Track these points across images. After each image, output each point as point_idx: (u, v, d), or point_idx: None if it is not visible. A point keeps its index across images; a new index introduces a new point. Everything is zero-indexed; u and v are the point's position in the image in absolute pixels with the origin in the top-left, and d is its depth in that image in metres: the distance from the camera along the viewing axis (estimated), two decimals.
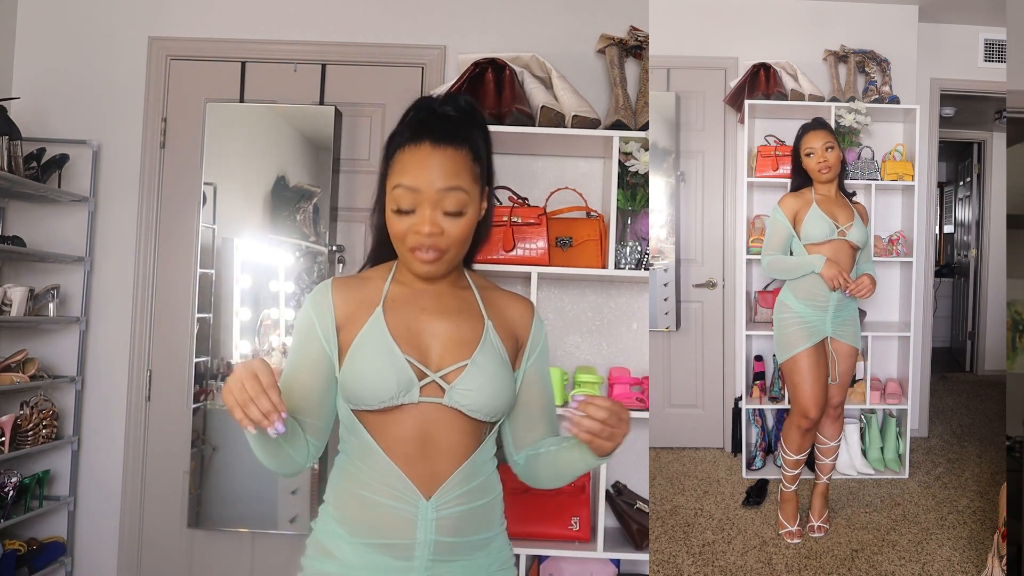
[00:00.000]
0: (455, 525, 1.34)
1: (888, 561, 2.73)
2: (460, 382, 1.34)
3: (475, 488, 1.36)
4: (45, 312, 2.89)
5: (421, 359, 1.34)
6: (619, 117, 2.68)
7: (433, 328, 1.37)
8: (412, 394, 1.32)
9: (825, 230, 2.69)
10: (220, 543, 2.95)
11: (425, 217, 1.30)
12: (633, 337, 2.88)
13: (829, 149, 2.72)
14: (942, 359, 6.31)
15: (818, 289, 2.70)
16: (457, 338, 1.37)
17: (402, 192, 1.30)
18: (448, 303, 1.40)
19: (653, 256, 3.49)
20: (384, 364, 1.31)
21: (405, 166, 1.31)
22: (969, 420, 4.56)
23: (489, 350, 1.38)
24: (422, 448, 1.33)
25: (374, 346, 1.33)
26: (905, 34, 3.76)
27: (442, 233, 1.31)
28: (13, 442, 2.72)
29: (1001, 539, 2.28)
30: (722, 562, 2.74)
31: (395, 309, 1.37)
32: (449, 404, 1.33)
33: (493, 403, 1.36)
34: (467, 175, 1.33)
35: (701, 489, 3.38)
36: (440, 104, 1.37)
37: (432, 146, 1.31)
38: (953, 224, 7.23)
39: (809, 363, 2.71)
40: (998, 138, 5.79)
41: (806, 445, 2.81)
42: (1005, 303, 2.31)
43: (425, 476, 1.32)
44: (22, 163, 2.76)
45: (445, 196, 1.30)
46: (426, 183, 1.29)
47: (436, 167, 1.30)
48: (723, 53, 3.75)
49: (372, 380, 1.31)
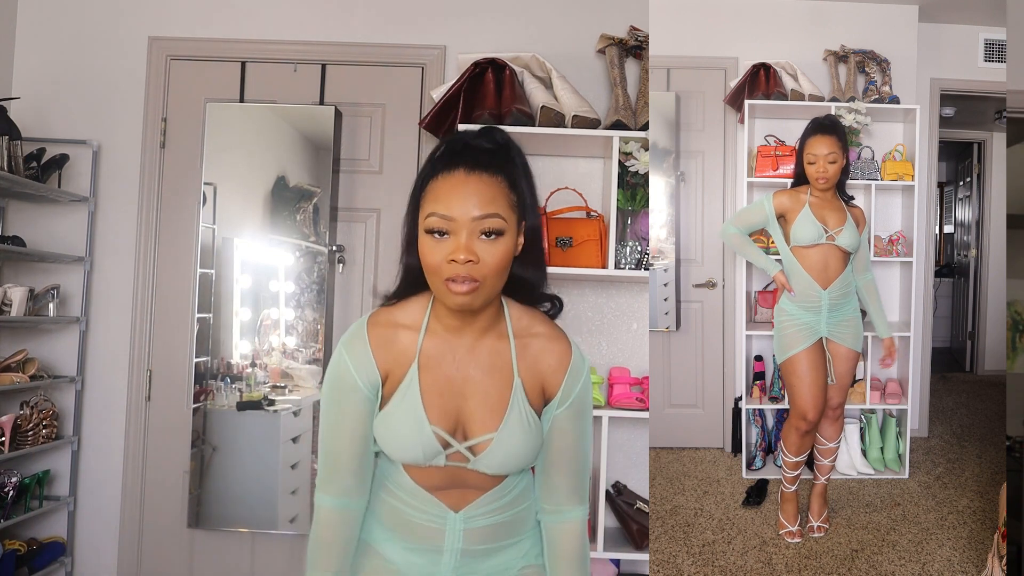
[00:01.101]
0: (484, 535, 1.40)
1: (888, 561, 2.73)
2: (485, 456, 1.36)
3: (505, 504, 1.42)
4: (45, 312, 2.89)
5: (449, 427, 1.36)
6: (619, 117, 2.68)
7: (463, 390, 1.36)
8: (438, 460, 1.36)
9: (813, 234, 2.68)
10: (220, 543, 2.95)
11: (460, 244, 1.24)
12: (633, 337, 2.88)
13: (832, 162, 2.67)
14: (942, 359, 6.30)
15: (808, 290, 2.70)
16: (484, 404, 1.36)
17: (436, 220, 1.25)
18: (481, 359, 1.37)
19: (653, 256, 3.49)
20: (412, 435, 1.34)
21: (438, 194, 1.26)
22: (969, 420, 4.56)
23: (515, 417, 1.36)
24: (452, 483, 1.39)
25: (404, 414, 1.34)
26: (905, 34, 3.76)
27: (478, 261, 1.24)
28: (13, 442, 2.72)
29: (1001, 539, 2.28)
30: (722, 562, 2.74)
31: (429, 367, 1.36)
32: (472, 468, 1.37)
33: (515, 466, 1.38)
34: (503, 202, 1.27)
35: (701, 489, 3.38)
36: (474, 137, 1.32)
37: (467, 172, 1.26)
38: (953, 224, 7.22)
39: (806, 364, 2.71)
40: (998, 138, 5.79)
41: (806, 447, 2.80)
42: (1005, 303, 2.30)
43: (455, 497, 1.39)
44: (22, 163, 2.76)
45: (480, 223, 1.25)
46: (461, 211, 1.24)
47: (471, 194, 1.25)
48: (723, 53, 3.74)
49: (401, 446, 1.35)
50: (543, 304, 1.44)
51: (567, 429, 1.42)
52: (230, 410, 2.84)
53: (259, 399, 2.84)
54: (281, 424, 2.84)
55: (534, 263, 1.38)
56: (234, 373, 2.86)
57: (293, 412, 2.87)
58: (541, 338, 1.40)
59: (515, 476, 1.43)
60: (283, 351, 2.90)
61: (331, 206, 2.88)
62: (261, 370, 2.87)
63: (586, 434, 1.45)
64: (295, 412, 2.87)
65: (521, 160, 1.34)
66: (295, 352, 2.91)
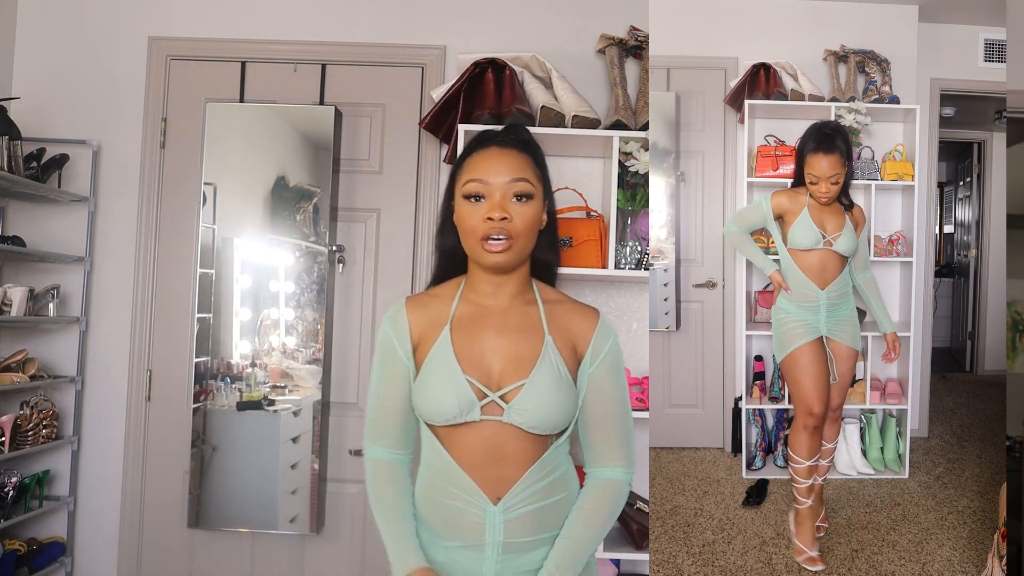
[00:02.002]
0: (524, 526, 1.43)
1: (888, 561, 2.73)
2: (517, 402, 1.42)
3: (544, 488, 1.44)
4: (45, 312, 2.90)
5: (483, 378, 1.44)
6: (619, 117, 2.68)
7: (496, 347, 1.46)
8: (474, 413, 1.43)
9: (811, 239, 2.67)
10: (220, 543, 2.95)
11: (495, 202, 1.41)
12: (633, 337, 2.88)
13: (835, 184, 2.61)
14: (942, 359, 6.31)
15: (806, 290, 2.69)
16: (516, 357, 1.45)
17: (473, 184, 1.43)
18: (511, 321, 1.48)
19: (653, 256, 3.49)
20: (447, 386, 1.43)
21: (475, 165, 1.45)
22: (969, 420, 4.56)
23: (546, 368, 1.45)
24: (489, 456, 1.43)
25: (440, 367, 1.44)
26: (905, 34, 3.76)
27: (511, 219, 1.41)
28: (13, 442, 2.72)
29: (1001, 539, 2.28)
30: (722, 562, 2.74)
31: (462, 329, 1.47)
32: (508, 421, 1.42)
33: (549, 419, 1.43)
34: (531, 171, 1.46)
35: (701, 489, 3.38)
36: (502, 132, 1.51)
37: (499, 148, 1.46)
38: (953, 224, 7.23)
39: (808, 358, 2.69)
40: (998, 138, 5.79)
41: (815, 448, 2.71)
42: (1005, 303, 2.30)
43: (493, 481, 1.43)
44: (22, 163, 2.76)
45: (512, 186, 1.43)
46: (495, 176, 1.43)
47: (503, 163, 1.44)
48: (723, 53, 3.75)
49: (436, 400, 1.43)
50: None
51: (603, 388, 1.50)
52: (230, 410, 2.84)
53: (259, 399, 2.84)
54: (281, 424, 2.84)
55: (551, 247, 1.56)
56: (234, 373, 2.86)
57: (293, 412, 2.87)
58: (568, 304, 1.54)
59: (553, 456, 1.46)
60: (283, 351, 2.90)
61: (331, 206, 2.88)
62: (261, 370, 2.87)
63: (622, 394, 1.52)
64: (295, 412, 2.87)
65: (542, 155, 1.53)
66: (295, 352, 2.91)
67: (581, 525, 1.45)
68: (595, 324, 1.52)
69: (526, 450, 1.43)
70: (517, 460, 1.43)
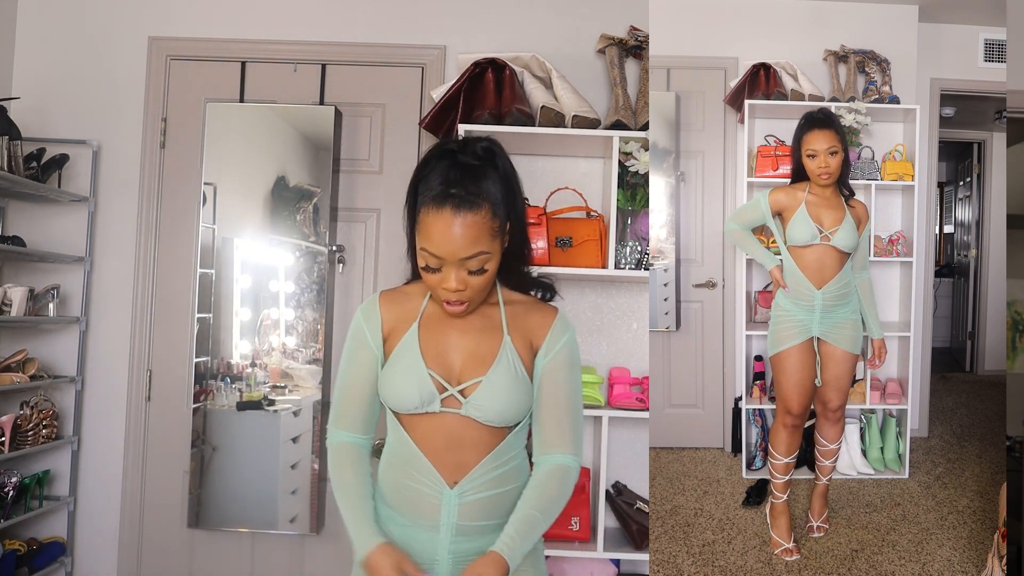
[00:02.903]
0: (477, 511, 1.51)
1: (888, 561, 2.73)
2: (475, 397, 1.51)
3: (498, 477, 1.53)
4: (45, 312, 2.90)
5: (444, 373, 1.53)
6: (619, 117, 2.68)
7: (458, 344, 1.55)
8: (434, 405, 1.51)
9: (807, 234, 2.65)
10: (220, 543, 2.95)
11: (450, 277, 1.45)
12: (633, 337, 2.88)
13: (833, 154, 2.63)
14: (942, 359, 6.31)
15: (802, 288, 2.68)
16: (476, 354, 1.54)
17: (428, 256, 1.44)
18: (474, 322, 1.56)
19: (653, 256, 3.49)
20: (410, 377, 1.51)
21: (430, 232, 1.43)
22: (969, 420, 4.56)
23: (503, 366, 1.53)
24: (448, 443, 1.51)
25: (405, 360, 1.53)
26: (905, 34, 3.76)
27: (466, 288, 1.46)
28: (13, 442, 2.72)
29: (1001, 539, 2.28)
30: (722, 562, 2.74)
31: (428, 326, 1.56)
32: (465, 414, 1.51)
33: (504, 414, 1.52)
34: (487, 236, 1.44)
35: (701, 489, 3.38)
36: (460, 150, 1.48)
37: (453, 212, 1.41)
38: (953, 224, 7.23)
39: (794, 360, 2.69)
40: (998, 138, 5.79)
41: (795, 445, 2.76)
42: (1005, 303, 2.30)
43: (451, 466, 1.51)
44: (22, 163, 2.76)
45: (467, 263, 1.44)
46: (449, 252, 1.42)
47: (458, 236, 1.41)
48: (723, 53, 3.75)
49: (400, 390, 1.52)
50: (534, 290, 1.64)
51: (555, 378, 1.57)
52: (230, 410, 2.84)
53: (259, 399, 2.84)
54: (281, 424, 2.84)
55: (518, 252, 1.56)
56: (234, 373, 2.86)
57: (293, 412, 2.87)
58: (528, 303, 1.61)
59: (507, 448, 1.54)
60: (283, 351, 2.90)
61: (331, 206, 2.88)
62: (261, 370, 2.87)
63: (575, 387, 1.59)
64: (295, 412, 2.87)
65: (504, 165, 1.50)
66: (295, 352, 2.91)
67: (534, 500, 1.52)
68: (551, 320, 1.58)
69: (483, 440, 1.52)
70: (475, 448, 1.51)
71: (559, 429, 1.57)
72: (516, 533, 1.48)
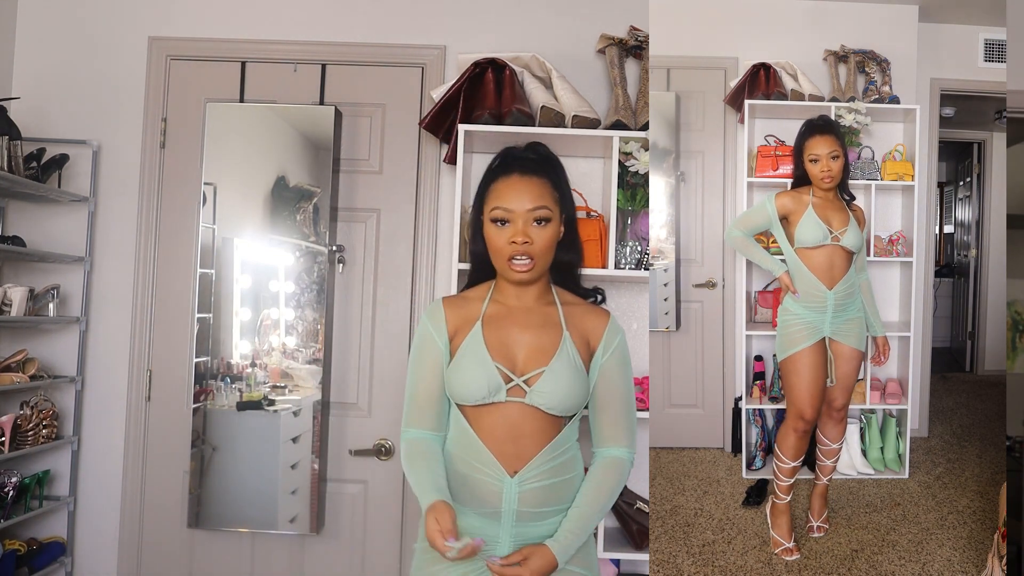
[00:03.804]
0: (536, 498, 1.65)
1: (888, 561, 2.73)
2: (539, 385, 1.65)
3: (556, 467, 1.67)
4: (45, 312, 2.89)
5: (509, 365, 1.67)
6: (619, 117, 2.68)
7: (520, 340, 1.69)
8: (500, 395, 1.65)
9: (818, 235, 2.67)
10: (220, 543, 2.95)
11: (518, 229, 1.65)
12: (633, 337, 2.88)
13: (835, 158, 2.67)
14: (942, 359, 6.30)
15: (814, 291, 2.69)
16: (538, 347, 1.69)
17: (499, 211, 1.67)
18: (534, 319, 1.71)
19: (653, 256, 3.49)
20: (478, 369, 1.66)
21: (500, 192, 1.68)
22: (969, 420, 4.56)
23: (564, 358, 1.67)
24: (509, 434, 1.65)
25: (472, 355, 1.67)
26: (905, 34, 3.76)
27: (532, 242, 1.64)
28: (13, 442, 2.72)
29: (1001, 539, 2.28)
30: (722, 562, 2.74)
31: (491, 324, 1.71)
32: (529, 403, 1.65)
33: (566, 402, 1.66)
34: (549, 197, 1.69)
35: (701, 489, 3.38)
36: (522, 151, 1.76)
37: (520, 176, 1.69)
38: (953, 224, 7.23)
39: (807, 363, 2.70)
40: (998, 138, 5.79)
41: (802, 450, 2.76)
42: (1005, 303, 2.31)
43: (511, 456, 1.65)
44: (22, 163, 2.76)
45: (532, 213, 1.66)
46: (518, 204, 1.66)
47: (525, 192, 1.67)
48: (723, 53, 3.75)
49: (469, 382, 1.65)
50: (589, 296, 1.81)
51: (610, 376, 1.73)
52: (230, 410, 2.84)
53: (259, 399, 2.84)
54: (281, 424, 2.84)
55: (571, 246, 1.76)
56: (234, 373, 2.86)
57: (293, 412, 2.87)
58: (583, 305, 1.78)
59: (564, 439, 1.68)
60: (283, 351, 2.90)
61: (331, 206, 2.88)
62: (261, 370, 2.87)
63: (628, 384, 1.75)
64: (295, 412, 2.87)
65: (559, 167, 1.77)
66: (295, 352, 2.91)
67: (591, 495, 1.67)
68: (607, 322, 1.75)
69: (542, 430, 1.65)
70: (533, 439, 1.65)
71: (615, 423, 1.73)
72: (570, 531, 1.62)
